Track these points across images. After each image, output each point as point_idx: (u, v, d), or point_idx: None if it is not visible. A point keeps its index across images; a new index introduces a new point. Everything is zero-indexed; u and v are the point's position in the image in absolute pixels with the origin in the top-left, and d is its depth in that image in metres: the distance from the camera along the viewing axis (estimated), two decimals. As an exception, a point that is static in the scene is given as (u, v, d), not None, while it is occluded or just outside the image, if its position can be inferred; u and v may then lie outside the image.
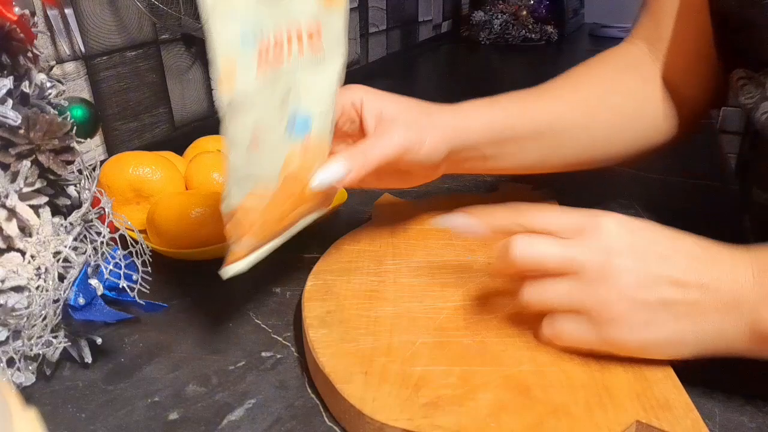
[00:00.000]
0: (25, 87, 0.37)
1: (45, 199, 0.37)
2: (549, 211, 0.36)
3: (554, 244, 0.34)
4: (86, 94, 0.64)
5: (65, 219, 0.38)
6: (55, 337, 0.37)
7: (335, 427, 0.34)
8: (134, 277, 0.40)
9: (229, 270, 0.36)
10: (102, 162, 0.53)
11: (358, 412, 0.32)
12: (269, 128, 0.34)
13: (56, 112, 0.39)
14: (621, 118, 0.51)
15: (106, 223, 0.40)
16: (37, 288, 0.35)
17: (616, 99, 0.51)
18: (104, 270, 0.38)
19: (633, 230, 0.34)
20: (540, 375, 0.34)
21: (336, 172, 0.38)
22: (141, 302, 0.39)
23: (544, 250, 0.34)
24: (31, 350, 0.35)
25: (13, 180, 0.35)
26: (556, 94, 0.51)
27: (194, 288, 0.48)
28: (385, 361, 0.35)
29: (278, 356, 0.40)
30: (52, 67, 0.59)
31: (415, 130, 0.42)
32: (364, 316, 0.40)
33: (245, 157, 0.32)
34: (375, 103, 0.44)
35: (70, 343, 0.38)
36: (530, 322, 0.38)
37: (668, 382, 0.33)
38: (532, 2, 1.75)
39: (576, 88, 0.51)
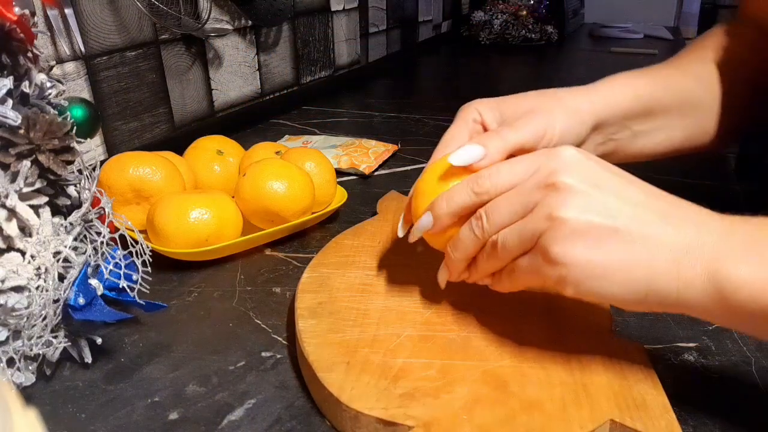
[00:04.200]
0: (25, 87, 0.37)
1: (45, 199, 0.37)
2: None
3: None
4: (86, 94, 0.64)
5: (65, 219, 0.38)
6: (55, 337, 0.37)
7: (335, 428, 0.34)
8: (134, 277, 0.40)
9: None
10: (102, 162, 0.53)
11: (336, 400, 0.32)
12: None
13: (56, 112, 0.39)
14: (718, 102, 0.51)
15: (106, 223, 0.40)
16: (37, 288, 0.35)
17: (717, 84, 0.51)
18: (104, 270, 0.38)
19: (593, 160, 0.33)
20: (519, 371, 0.34)
21: (473, 151, 0.38)
22: (141, 302, 0.39)
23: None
24: (31, 350, 0.35)
25: (13, 180, 0.35)
26: (697, 66, 0.51)
27: (194, 288, 0.48)
28: (368, 352, 0.36)
29: (278, 356, 0.40)
30: (52, 67, 0.59)
31: (547, 116, 0.42)
32: (354, 309, 0.40)
33: None
34: (493, 111, 0.44)
35: (70, 343, 0.38)
36: (517, 320, 0.39)
37: (647, 383, 0.33)
38: (532, 2, 1.75)
39: (711, 62, 0.51)
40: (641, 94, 0.47)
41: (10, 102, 0.35)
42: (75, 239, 0.38)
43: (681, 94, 0.49)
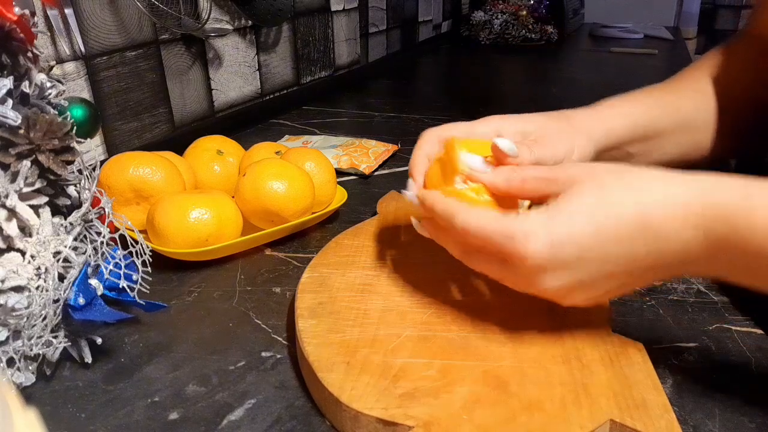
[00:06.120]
0: (25, 87, 0.37)
1: (45, 199, 0.37)
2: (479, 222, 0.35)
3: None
4: (86, 94, 0.64)
5: (65, 219, 0.38)
6: (55, 337, 0.37)
7: (335, 428, 0.34)
8: (134, 277, 0.40)
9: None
10: (102, 162, 0.53)
11: (336, 400, 0.32)
12: None
13: (56, 112, 0.39)
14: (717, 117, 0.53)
15: (106, 223, 0.40)
16: (37, 288, 0.35)
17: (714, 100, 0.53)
18: (104, 270, 0.38)
19: (560, 244, 0.32)
20: (519, 371, 0.34)
21: (509, 146, 0.39)
22: (141, 302, 0.39)
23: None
24: (31, 350, 0.35)
25: (13, 180, 0.35)
26: (692, 86, 0.53)
27: (194, 288, 0.48)
28: (368, 352, 0.36)
29: (278, 356, 0.40)
30: (52, 67, 0.59)
31: (565, 139, 0.44)
32: (354, 309, 0.40)
33: None
34: (513, 126, 0.45)
35: (70, 343, 0.38)
36: (517, 320, 0.39)
37: (647, 383, 0.33)
38: (532, 2, 1.75)
39: (707, 81, 0.53)
40: (639, 123, 0.49)
41: (10, 102, 0.35)
42: (75, 239, 0.38)
43: (677, 117, 0.51)
